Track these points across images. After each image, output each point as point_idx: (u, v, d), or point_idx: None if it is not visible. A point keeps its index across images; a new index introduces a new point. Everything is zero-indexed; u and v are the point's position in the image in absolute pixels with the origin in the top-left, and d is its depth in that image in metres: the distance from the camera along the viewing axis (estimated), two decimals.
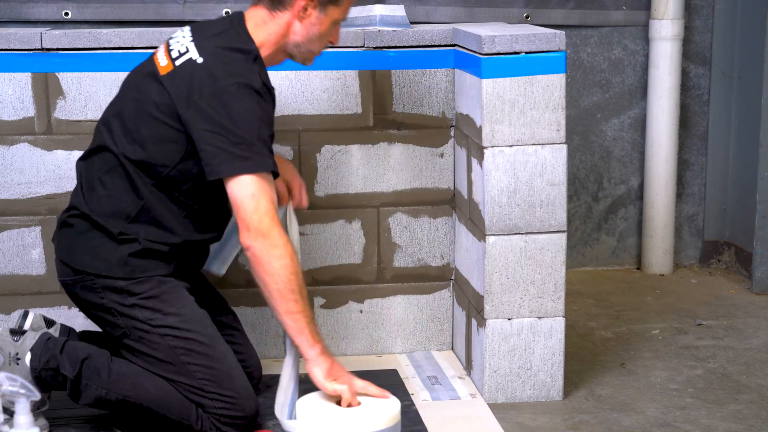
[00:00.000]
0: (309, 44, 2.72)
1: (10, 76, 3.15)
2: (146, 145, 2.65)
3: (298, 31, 2.69)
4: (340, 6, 2.71)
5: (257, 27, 2.69)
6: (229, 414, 2.67)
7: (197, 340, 2.68)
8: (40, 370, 2.70)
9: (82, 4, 3.89)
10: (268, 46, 2.69)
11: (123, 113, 2.70)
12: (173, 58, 2.65)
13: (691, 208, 4.40)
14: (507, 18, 4.09)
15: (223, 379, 2.67)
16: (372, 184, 3.30)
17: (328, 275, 3.33)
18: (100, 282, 2.68)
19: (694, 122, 4.33)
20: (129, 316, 2.68)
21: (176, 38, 2.73)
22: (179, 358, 2.67)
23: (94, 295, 2.70)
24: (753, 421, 2.91)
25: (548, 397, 3.06)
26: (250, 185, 2.53)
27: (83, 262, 2.69)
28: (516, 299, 3.00)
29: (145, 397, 2.67)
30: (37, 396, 2.47)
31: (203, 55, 2.61)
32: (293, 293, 2.56)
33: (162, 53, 2.71)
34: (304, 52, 2.73)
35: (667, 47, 4.15)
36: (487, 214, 2.97)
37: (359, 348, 3.37)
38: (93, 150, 2.75)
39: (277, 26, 2.68)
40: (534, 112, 2.94)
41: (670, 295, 4.05)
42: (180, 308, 2.70)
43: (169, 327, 2.67)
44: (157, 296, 2.68)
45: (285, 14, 2.67)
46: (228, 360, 2.71)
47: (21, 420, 2.42)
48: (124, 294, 2.67)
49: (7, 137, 3.18)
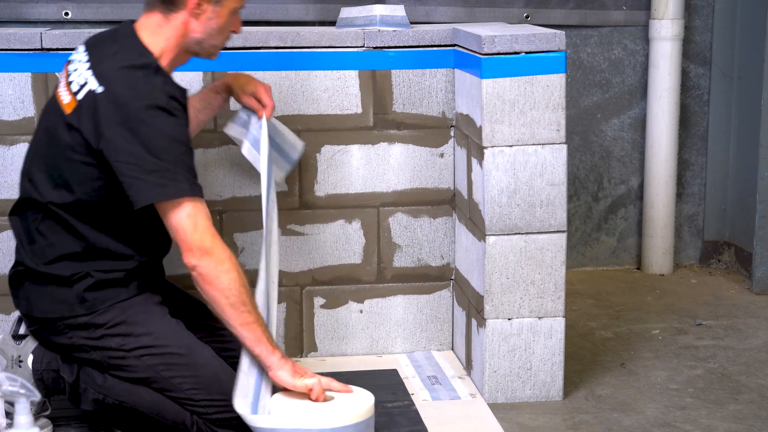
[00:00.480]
0: (210, 39, 2.62)
1: (10, 76, 3.15)
2: (72, 186, 2.57)
3: (197, 29, 2.59)
4: None
5: (153, 34, 2.59)
6: (223, 417, 2.63)
7: (175, 353, 2.62)
8: (42, 371, 2.70)
9: (82, 4, 3.89)
10: (168, 52, 2.60)
11: (41, 161, 2.62)
12: (74, 92, 2.55)
13: (691, 208, 4.40)
14: (507, 18, 4.09)
15: (211, 384, 2.62)
16: (372, 184, 3.30)
17: (328, 275, 3.33)
18: (64, 323, 2.63)
19: (694, 122, 4.33)
20: (101, 348, 2.63)
21: (74, 65, 2.61)
22: (161, 374, 2.61)
23: (62, 337, 2.65)
24: (753, 421, 2.91)
25: (548, 397, 3.06)
26: (182, 208, 2.47)
27: (43, 309, 2.65)
28: (516, 299, 3.00)
29: (140, 403, 2.65)
30: (37, 396, 2.47)
31: (102, 83, 2.50)
32: (245, 305, 2.53)
33: (63, 88, 2.60)
34: (207, 48, 2.65)
35: (667, 47, 4.15)
36: (487, 214, 2.97)
37: (359, 348, 3.37)
38: (21, 203, 2.67)
39: (173, 29, 2.59)
40: (534, 112, 2.94)
41: (670, 295, 4.05)
42: (150, 326, 2.64)
43: (144, 347, 2.62)
44: (123, 321, 2.62)
45: (180, 15, 2.57)
46: (212, 364, 2.65)
47: (21, 420, 2.42)
48: (91, 328, 2.62)
49: (7, 137, 3.18)
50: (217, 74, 3.17)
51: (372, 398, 2.69)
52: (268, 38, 3.20)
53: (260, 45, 3.20)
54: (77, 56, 2.65)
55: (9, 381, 2.44)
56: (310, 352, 3.36)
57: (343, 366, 3.26)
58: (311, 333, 3.35)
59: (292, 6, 3.98)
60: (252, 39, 3.19)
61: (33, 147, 2.69)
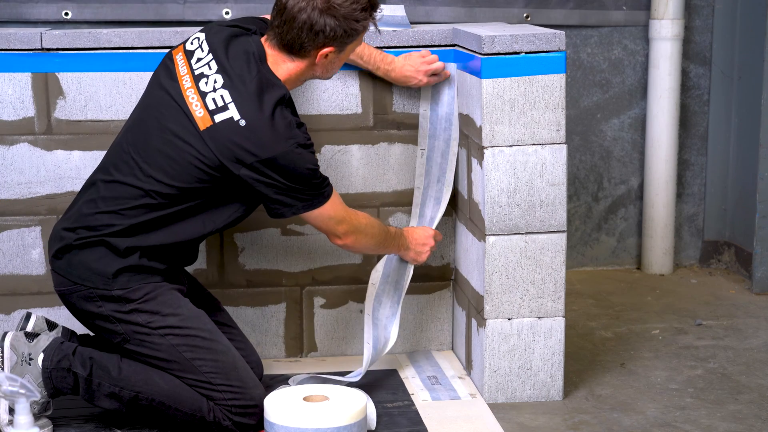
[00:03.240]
0: (328, 73, 2.82)
1: (10, 76, 3.15)
2: (181, 186, 2.68)
3: (318, 69, 2.78)
4: (358, 38, 2.78)
5: (276, 64, 2.74)
6: (240, 404, 2.71)
7: (199, 336, 2.72)
8: (51, 369, 2.71)
9: (82, 4, 3.89)
10: (290, 83, 2.77)
11: (157, 155, 2.69)
12: (210, 110, 2.66)
13: (691, 208, 4.40)
14: (507, 18, 4.09)
15: (229, 371, 2.72)
16: (372, 184, 3.30)
17: (328, 275, 3.33)
18: (97, 292, 2.70)
19: (694, 122, 4.33)
20: (128, 322, 2.71)
21: (198, 62, 2.72)
22: (183, 355, 2.70)
23: (91, 305, 2.72)
24: (753, 421, 2.91)
25: (548, 397, 3.06)
26: (323, 213, 2.76)
27: (82, 276, 2.71)
28: (516, 299, 3.00)
29: (157, 392, 2.71)
30: (37, 396, 2.48)
31: (244, 116, 2.63)
32: (385, 244, 2.99)
33: (195, 99, 2.69)
34: (323, 77, 2.84)
35: (667, 47, 4.15)
36: (487, 214, 2.97)
37: (359, 348, 3.36)
38: (119, 180, 2.72)
39: (295, 66, 2.75)
40: (534, 112, 2.94)
41: (670, 295, 4.05)
42: (177, 309, 2.74)
43: (169, 327, 2.71)
44: (154, 299, 2.71)
45: (303, 61, 2.74)
46: (231, 352, 2.76)
47: (21, 420, 2.43)
48: (122, 302, 2.70)
49: (7, 137, 3.18)
50: None
51: (365, 398, 2.73)
52: None
53: None
54: (199, 52, 2.74)
55: (9, 381, 2.45)
56: (310, 352, 3.36)
57: (343, 366, 3.26)
58: (311, 333, 3.36)
59: None
60: None
61: (144, 136, 2.74)
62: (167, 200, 2.70)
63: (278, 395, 2.72)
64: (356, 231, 2.84)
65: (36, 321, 2.87)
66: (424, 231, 3.10)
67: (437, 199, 3.21)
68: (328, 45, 2.70)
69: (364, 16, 2.72)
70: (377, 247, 2.98)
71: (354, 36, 2.73)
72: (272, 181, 2.65)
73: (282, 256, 3.29)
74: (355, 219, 2.85)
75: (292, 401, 2.68)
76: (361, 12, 2.71)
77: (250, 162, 2.63)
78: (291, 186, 2.67)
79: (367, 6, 2.72)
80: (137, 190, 2.69)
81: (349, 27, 2.70)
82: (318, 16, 2.66)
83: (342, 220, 2.81)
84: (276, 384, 3.05)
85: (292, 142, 2.64)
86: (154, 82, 2.80)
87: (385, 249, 3.03)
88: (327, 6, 2.66)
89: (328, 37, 2.68)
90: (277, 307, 3.33)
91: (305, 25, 2.67)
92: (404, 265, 3.13)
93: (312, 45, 2.70)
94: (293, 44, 2.70)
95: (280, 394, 2.74)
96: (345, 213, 2.82)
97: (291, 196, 2.69)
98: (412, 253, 3.08)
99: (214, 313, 2.95)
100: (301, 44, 2.70)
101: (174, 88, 2.73)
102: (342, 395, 2.72)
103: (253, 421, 2.74)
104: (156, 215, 2.70)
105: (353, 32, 2.72)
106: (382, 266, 3.14)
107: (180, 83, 2.73)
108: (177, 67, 2.75)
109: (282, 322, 3.34)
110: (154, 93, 2.78)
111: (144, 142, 2.72)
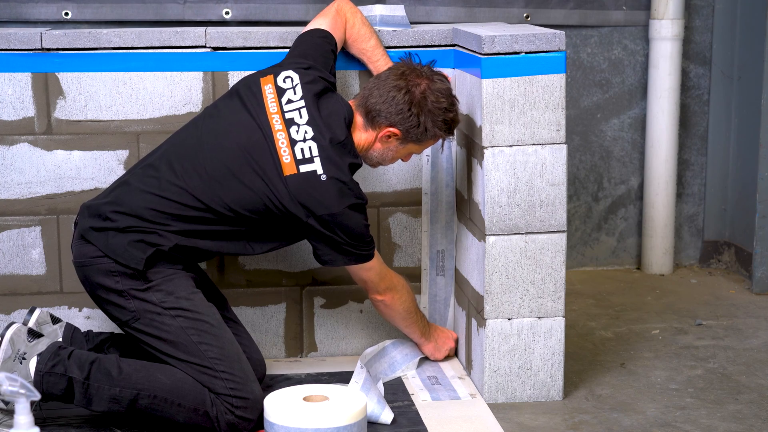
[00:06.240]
0: (380, 160, 2.99)
1: (10, 76, 3.15)
2: (243, 213, 2.82)
3: (376, 150, 2.95)
4: (420, 144, 2.94)
5: (357, 130, 2.92)
6: (240, 395, 2.73)
7: (207, 322, 2.79)
8: (45, 373, 2.72)
9: (82, 4, 3.89)
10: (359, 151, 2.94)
11: (232, 181, 2.80)
12: (297, 160, 2.80)
13: (691, 208, 4.40)
14: (507, 18, 4.09)
15: (233, 361, 2.77)
16: (372, 184, 3.30)
17: (328, 275, 3.33)
18: (120, 268, 2.76)
19: (694, 122, 4.34)
20: (142, 299, 2.77)
21: (298, 129, 2.83)
22: (190, 338, 2.76)
23: (109, 279, 2.77)
24: (753, 421, 2.91)
25: (548, 397, 3.06)
26: (368, 267, 2.94)
27: (116, 251, 2.76)
28: (516, 299, 3.00)
29: (159, 387, 2.73)
30: (37, 396, 2.47)
31: (326, 171, 2.79)
32: (410, 315, 3.13)
33: (285, 145, 2.81)
34: (374, 162, 3.01)
35: (667, 47, 4.15)
36: (487, 214, 2.97)
37: (359, 348, 3.36)
38: (188, 191, 2.80)
39: (365, 138, 2.92)
40: (534, 112, 2.94)
41: (670, 295, 4.05)
42: (190, 294, 2.81)
43: (181, 309, 2.77)
44: (171, 281, 2.79)
45: (372, 133, 2.91)
46: (235, 345, 2.81)
47: (21, 420, 2.42)
48: (141, 280, 2.77)
49: (7, 137, 3.18)
50: (217, 74, 3.17)
51: (365, 398, 2.73)
52: (268, 38, 3.20)
53: (260, 45, 3.20)
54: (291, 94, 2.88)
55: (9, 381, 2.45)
56: (310, 352, 3.36)
57: (343, 366, 3.26)
58: (311, 333, 3.36)
59: (292, 6, 3.98)
60: (252, 39, 3.19)
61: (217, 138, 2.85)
62: (225, 220, 2.82)
63: (278, 395, 2.73)
64: (394, 289, 3.03)
65: (40, 314, 2.92)
66: (450, 332, 3.30)
67: (449, 204, 3.28)
68: (396, 126, 2.87)
69: (441, 128, 2.89)
70: (408, 313, 3.11)
71: (421, 137, 2.89)
72: (332, 234, 2.81)
73: (282, 256, 3.29)
74: (392, 277, 3.04)
75: (292, 401, 2.68)
76: (441, 122, 2.88)
77: (320, 214, 2.78)
78: (347, 241, 2.83)
79: (450, 125, 2.90)
80: (203, 204, 2.80)
81: (423, 123, 2.86)
82: (406, 96, 2.84)
83: (384, 277, 3.00)
84: (276, 384, 3.05)
85: (359, 203, 2.82)
86: (238, 102, 2.89)
87: (413, 319, 3.14)
88: (422, 95, 2.85)
89: (401, 119, 2.86)
90: (277, 307, 3.33)
91: (391, 97, 2.85)
92: (408, 359, 3.24)
93: (384, 119, 2.87)
94: (371, 110, 2.88)
95: (280, 394, 2.74)
96: (386, 270, 3.02)
97: (344, 249, 2.85)
98: (432, 344, 3.25)
99: (222, 310, 2.99)
100: (378, 112, 2.87)
101: (262, 121, 2.84)
102: (342, 395, 2.72)
103: (254, 416, 2.74)
104: (210, 228, 2.83)
105: (423, 132, 2.87)
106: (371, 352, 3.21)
107: (269, 119, 2.84)
108: (265, 99, 2.87)
109: (282, 322, 3.34)
110: (240, 116, 2.87)
111: (220, 160, 2.82)
